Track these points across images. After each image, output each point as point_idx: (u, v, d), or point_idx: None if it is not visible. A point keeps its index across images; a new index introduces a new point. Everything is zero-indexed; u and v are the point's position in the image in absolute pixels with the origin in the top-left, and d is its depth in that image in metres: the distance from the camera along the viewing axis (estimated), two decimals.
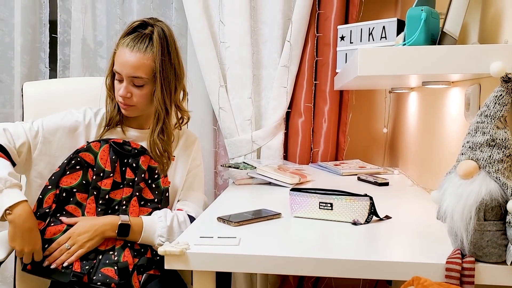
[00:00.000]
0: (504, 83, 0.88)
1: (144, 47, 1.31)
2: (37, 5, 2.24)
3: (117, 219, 1.27)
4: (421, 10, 1.07)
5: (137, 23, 1.35)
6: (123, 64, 1.31)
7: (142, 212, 1.33)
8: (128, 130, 1.42)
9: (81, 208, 1.31)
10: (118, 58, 1.32)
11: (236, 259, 0.93)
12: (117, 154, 1.33)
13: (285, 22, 2.05)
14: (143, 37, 1.32)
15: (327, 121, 2.11)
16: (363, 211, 1.14)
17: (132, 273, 1.25)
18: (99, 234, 1.26)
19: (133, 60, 1.30)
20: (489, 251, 0.86)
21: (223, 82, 2.07)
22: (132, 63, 1.30)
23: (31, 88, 1.60)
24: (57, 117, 1.37)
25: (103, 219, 1.28)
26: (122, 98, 1.33)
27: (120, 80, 1.34)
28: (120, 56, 1.32)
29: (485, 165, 0.86)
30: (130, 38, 1.32)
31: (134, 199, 1.33)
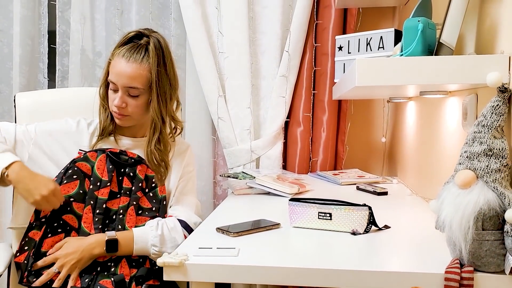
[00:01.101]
0: (501, 93, 0.89)
1: (140, 57, 1.32)
2: (36, 16, 2.25)
3: (104, 236, 1.27)
4: (418, 21, 1.08)
5: (133, 33, 1.35)
6: (119, 74, 1.31)
7: (140, 221, 1.33)
8: (121, 139, 1.42)
9: (78, 218, 1.31)
10: (114, 68, 1.32)
11: (235, 270, 0.93)
12: (114, 164, 1.33)
13: (284, 32, 2.07)
14: (139, 48, 1.33)
15: (325, 130, 2.11)
16: (362, 221, 1.14)
17: (130, 285, 1.25)
18: (87, 254, 1.25)
19: (129, 71, 1.30)
20: (487, 260, 0.86)
21: (222, 92, 2.08)
22: (128, 74, 1.30)
23: (23, 98, 1.59)
24: (51, 122, 1.40)
25: (89, 238, 1.28)
26: (117, 108, 1.33)
27: (114, 90, 1.34)
28: (115, 66, 1.32)
29: (482, 174, 0.87)
30: (126, 49, 1.32)
31: (131, 208, 1.33)
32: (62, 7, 2.23)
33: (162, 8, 2.21)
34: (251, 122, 2.08)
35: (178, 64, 2.20)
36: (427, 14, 1.21)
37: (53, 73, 2.26)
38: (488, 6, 1.06)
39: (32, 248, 1.28)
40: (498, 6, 1.00)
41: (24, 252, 1.28)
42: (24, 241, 1.28)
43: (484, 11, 1.08)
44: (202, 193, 2.15)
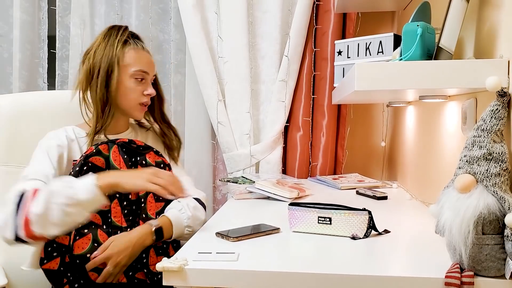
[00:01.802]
0: (500, 97, 0.89)
1: (147, 48, 1.45)
2: (36, 21, 2.26)
3: (148, 226, 1.28)
4: (417, 26, 1.08)
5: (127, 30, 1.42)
6: (149, 64, 1.42)
7: (157, 207, 1.35)
8: (109, 137, 1.41)
9: (101, 214, 1.29)
10: (143, 58, 1.39)
11: (234, 274, 0.93)
12: (127, 154, 1.34)
13: (283, 37, 2.07)
14: (140, 39, 1.43)
15: (325, 135, 2.11)
16: (362, 226, 1.14)
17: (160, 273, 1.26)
18: (139, 248, 1.26)
19: (152, 60, 1.43)
20: (488, 265, 0.86)
21: (221, 97, 2.08)
22: (153, 64, 1.44)
23: (2, 100, 1.55)
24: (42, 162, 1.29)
25: (135, 232, 1.27)
26: (148, 98, 1.41)
27: (141, 80, 1.39)
28: (143, 56, 1.40)
29: (482, 179, 0.87)
30: (138, 41, 1.41)
31: (150, 195, 1.34)
32: (62, 12, 2.24)
33: (161, 13, 2.22)
34: (250, 126, 2.08)
35: (178, 69, 2.21)
36: (426, 19, 1.21)
37: (52, 78, 2.26)
38: (487, 10, 1.06)
39: (65, 253, 1.25)
40: (497, 11, 1.01)
41: (54, 258, 1.25)
42: (51, 247, 1.25)
43: (483, 16, 1.08)
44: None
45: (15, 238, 1.12)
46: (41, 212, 1.10)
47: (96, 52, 1.37)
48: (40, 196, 1.12)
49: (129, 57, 1.37)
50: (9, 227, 1.12)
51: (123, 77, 1.37)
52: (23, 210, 1.12)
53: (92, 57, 1.37)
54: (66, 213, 1.12)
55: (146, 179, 1.19)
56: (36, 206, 1.11)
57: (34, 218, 1.10)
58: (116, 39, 1.37)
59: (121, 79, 1.37)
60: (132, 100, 1.39)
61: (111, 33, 1.39)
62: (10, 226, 1.12)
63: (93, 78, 1.36)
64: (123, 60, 1.37)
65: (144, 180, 1.19)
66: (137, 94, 1.39)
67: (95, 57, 1.36)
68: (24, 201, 1.12)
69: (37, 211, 1.10)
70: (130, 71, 1.37)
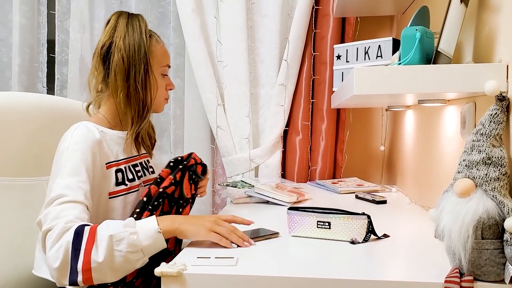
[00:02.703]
0: (499, 102, 0.89)
1: None
2: (35, 25, 2.26)
3: None
4: (416, 30, 1.08)
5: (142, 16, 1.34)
6: (169, 56, 1.39)
7: None
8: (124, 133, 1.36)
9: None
10: (163, 53, 1.36)
11: (233, 279, 0.93)
12: (192, 179, 1.34)
13: (282, 41, 2.07)
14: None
15: (324, 139, 2.11)
16: (361, 230, 1.14)
17: None
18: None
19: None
20: (487, 269, 0.86)
21: (220, 101, 2.08)
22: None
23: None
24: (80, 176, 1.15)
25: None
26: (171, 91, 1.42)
27: (164, 75, 1.37)
28: (165, 51, 1.37)
29: (481, 183, 0.86)
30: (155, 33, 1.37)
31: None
32: (61, 16, 2.24)
33: (161, 18, 2.22)
34: (250, 130, 2.08)
35: (177, 73, 2.21)
36: (425, 23, 1.21)
37: (52, 82, 2.26)
38: (486, 14, 1.06)
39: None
40: (496, 15, 1.01)
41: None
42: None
43: (481, 20, 1.09)
44: (201, 202, 2.15)
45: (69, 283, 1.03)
46: (103, 260, 1.01)
47: (124, 44, 1.25)
48: (102, 242, 1.02)
49: (157, 52, 1.31)
50: (66, 272, 1.02)
51: (152, 73, 1.30)
52: (83, 255, 1.01)
53: (123, 49, 1.25)
54: (128, 261, 1.04)
55: (208, 228, 1.11)
56: (99, 254, 1.02)
57: (96, 266, 1.01)
58: (141, 32, 1.27)
59: (149, 74, 1.29)
60: (160, 96, 1.35)
61: (133, 23, 1.28)
62: (67, 270, 1.02)
63: (129, 77, 1.25)
64: (152, 55, 1.30)
65: (206, 230, 1.10)
66: (163, 90, 1.35)
67: (127, 53, 1.25)
68: (83, 244, 1.02)
69: (100, 259, 1.01)
70: (160, 67, 1.33)
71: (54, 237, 1.04)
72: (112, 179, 1.26)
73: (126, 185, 1.29)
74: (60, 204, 1.09)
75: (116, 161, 1.29)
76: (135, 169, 1.35)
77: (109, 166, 1.26)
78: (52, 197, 1.11)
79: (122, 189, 1.28)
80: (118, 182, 1.27)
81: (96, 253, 1.02)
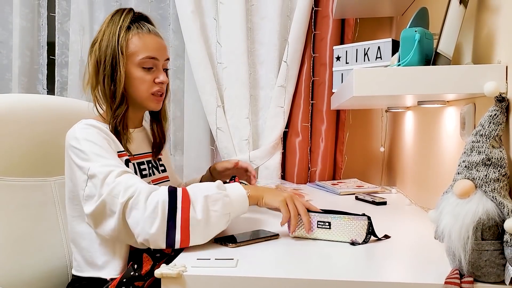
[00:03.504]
0: (498, 103, 0.89)
1: (156, 30, 1.34)
2: (36, 27, 2.26)
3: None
4: (415, 31, 1.08)
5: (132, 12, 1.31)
6: (158, 48, 1.29)
7: None
8: (134, 132, 1.35)
9: None
10: (149, 44, 1.28)
11: (233, 281, 0.93)
12: None
13: (282, 43, 2.08)
14: (150, 21, 1.34)
15: (324, 140, 2.11)
16: (361, 231, 1.14)
17: None
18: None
19: (163, 43, 1.33)
20: (487, 270, 0.86)
21: (220, 103, 2.08)
22: (164, 46, 1.33)
23: None
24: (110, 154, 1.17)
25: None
26: (162, 86, 1.30)
27: (150, 68, 1.28)
28: (150, 41, 1.28)
29: (481, 184, 0.86)
30: (143, 24, 1.30)
31: None
32: (61, 18, 2.25)
33: (160, 19, 2.23)
34: (249, 132, 2.08)
35: (176, 74, 2.21)
36: (424, 24, 1.21)
37: (52, 84, 2.26)
38: (485, 16, 1.06)
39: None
40: (495, 16, 1.01)
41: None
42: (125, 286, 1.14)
43: (481, 21, 1.09)
44: None
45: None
46: (202, 218, 1.04)
47: (101, 43, 1.27)
48: (198, 201, 1.05)
49: (133, 44, 1.26)
50: (163, 233, 1.03)
51: (130, 68, 1.26)
52: (181, 213, 1.03)
53: (98, 48, 1.27)
54: (220, 222, 1.07)
55: (284, 200, 1.15)
56: (197, 212, 1.03)
57: (195, 224, 1.03)
58: (118, 26, 1.27)
59: (128, 70, 1.26)
60: (143, 91, 1.28)
61: (114, 20, 1.28)
62: (164, 231, 1.03)
63: (99, 73, 1.27)
64: (128, 49, 1.26)
65: (282, 201, 1.15)
66: (148, 84, 1.28)
67: (100, 49, 1.26)
68: (178, 203, 1.04)
69: (198, 217, 1.03)
70: (136, 60, 1.26)
71: (142, 202, 1.04)
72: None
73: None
74: (117, 176, 1.09)
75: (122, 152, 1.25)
76: (140, 167, 1.34)
77: (120, 155, 1.24)
78: (102, 178, 1.10)
79: None
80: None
81: (194, 211, 1.03)
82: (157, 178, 1.39)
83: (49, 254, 1.39)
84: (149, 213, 1.03)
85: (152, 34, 1.30)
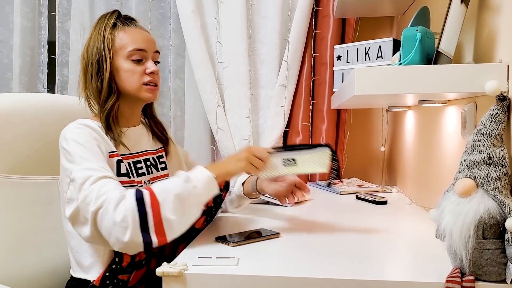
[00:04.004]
0: (500, 102, 0.89)
1: (142, 26, 1.36)
2: (36, 27, 2.26)
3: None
4: (416, 30, 1.08)
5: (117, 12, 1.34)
6: (145, 40, 1.31)
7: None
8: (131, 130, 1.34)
9: None
10: (136, 37, 1.29)
11: (234, 279, 0.93)
12: None
13: (282, 42, 2.08)
14: (133, 19, 1.36)
15: (324, 140, 2.11)
16: (325, 159, 1.19)
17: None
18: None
19: (151, 36, 1.35)
20: (488, 269, 0.86)
21: (221, 102, 2.08)
22: (151, 39, 1.34)
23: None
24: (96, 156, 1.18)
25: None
26: (153, 75, 1.30)
27: (139, 60, 1.28)
28: (136, 34, 1.30)
29: (482, 183, 0.86)
30: (129, 21, 1.33)
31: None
32: (62, 17, 2.25)
33: (161, 19, 2.23)
34: (250, 131, 2.08)
35: (177, 74, 2.21)
36: (425, 23, 1.21)
37: (52, 83, 2.26)
38: (486, 15, 1.06)
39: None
40: (496, 15, 1.01)
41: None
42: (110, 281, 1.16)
43: (482, 20, 1.09)
44: None
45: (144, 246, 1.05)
46: (175, 218, 1.05)
47: (88, 47, 1.29)
48: (168, 200, 1.05)
49: (120, 39, 1.27)
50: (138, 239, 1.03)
51: (119, 62, 1.27)
52: (153, 217, 1.03)
53: (86, 53, 1.29)
54: (194, 213, 1.10)
55: (247, 161, 1.18)
56: (169, 213, 1.04)
57: (168, 224, 1.04)
58: (103, 26, 1.29)
59: (117, 64, 1.27)
60: (135, 82, 1.28)
61: (99, 23, 1.31)
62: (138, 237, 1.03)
63: (87, 73, 1.28)
64: (115, 44, 1.27)
65: (246, 165, 1.17)
66: (138, 75, 1.28)
67: (88, 52, 1.29)
68: (147, 207, 1.04)
69: (171, 218, 1.04)
70: (124, 53, 1.27)
71: (111, 212, 1.04)
72: (114, 169, 1.23)
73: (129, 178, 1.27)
74: (92, 183, 1.09)
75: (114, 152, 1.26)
76: (135, 166, 1.33)
77: (111, 155, 1.24)
78: (80, 183, 1.10)
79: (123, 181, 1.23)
80: (121, 173, 1.24)
81: (165, 213, 1.04)
82: (155, 176, 1.39)
83: (53, 252, 1.40)
84: (119, 223, 1.03)
85: (138, 28, 1.33)
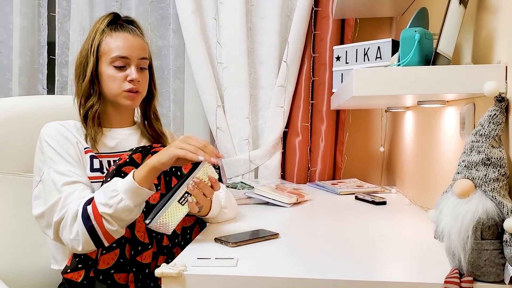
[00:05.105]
0: (498, 103, 0.89)
1: (140, 32, 1.36)
2: (36, 27, 2.26)
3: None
4: (415, 31, 1.08)
5: (112, 15, 1.36)
6: (130, 47, 1.30)
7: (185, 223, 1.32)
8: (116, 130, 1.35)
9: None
10: (119, 43, 1.29)
11: (233, 280, 0.93)
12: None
13: (282, 43, 2.08)
14: (132, 24, 1.37)
15: (324, 140, 2.12)
16: (208, 171, 1.15)
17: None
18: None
19: (138, 42, 1.33)
20: (487, 270, 0.86)
21: (220, 102, 2.09)
22: (138, 45, 1.33)
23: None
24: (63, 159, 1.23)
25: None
26: (134, 83, 1.30)
27: (121, 67, 1.30)
28: (121, 41, 1.30)
29: (481, 184, 0.87)
30: (121, 26, 1.33)
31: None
32: (62, 18, 2.25)
33: (161, 19, 2.23)
34: (249, 132, 2.08)
35: (177, 74, 2.21)
36: (424, 24, 1.21)
37: (52, 84, 2.26)
38: (485, 16, 1.06)
39: (91, 267, 1.19)
40: (495, 16, 1.01)
41: (79, 270, 1.19)
42: (79, 258, 1.18)
43: (480, 21, 1.09)
44: None
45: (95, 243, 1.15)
46: (118, 226, 1.14)
47: (81, 50, 1.35)
48: (106, 216, 1.12)
49: (105, 44, 1.30)
50: (92, 246, 1.15)
51: (102, 67, 1.30)
52: (100, 229, 1.13)
53: (78, 55, 1.34)
54: (132, 217, 1.16)
55: (176, 146, 1.15)
56: (111, 225, 1.13)
57: (113, 231, 1.14)
58: (94, 29, 1.33)
59: (101, 69, 1.30)
60: (115, 89, 1.30)
61: (94, 27, 1.34)
62: (91, 246, 1.15)
63: (75, 75, 1.34)
64: (100, 49, 1.30)
65: (175, 148, 1.14)
66: (119, 82, 1.29)
67: (79, 55, 1.34)
68: (94, 223, 1.13)
69: (114, 228, 1.14)
70: (107, 58, 1.30)
71: (68, 227, 1.15)
72: (87, 165, 1.27)
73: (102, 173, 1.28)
74: (59, 189, 1.18)
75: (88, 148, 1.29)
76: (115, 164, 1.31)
77: (86, 151, 1.29)
78: (48, 186, 1.19)
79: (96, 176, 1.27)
80: (94, 169, 1.27)
81: (108, 225, 1.13)
82: None
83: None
84: (74, 237, 1.14)
85: (126, 33, 1.32)
